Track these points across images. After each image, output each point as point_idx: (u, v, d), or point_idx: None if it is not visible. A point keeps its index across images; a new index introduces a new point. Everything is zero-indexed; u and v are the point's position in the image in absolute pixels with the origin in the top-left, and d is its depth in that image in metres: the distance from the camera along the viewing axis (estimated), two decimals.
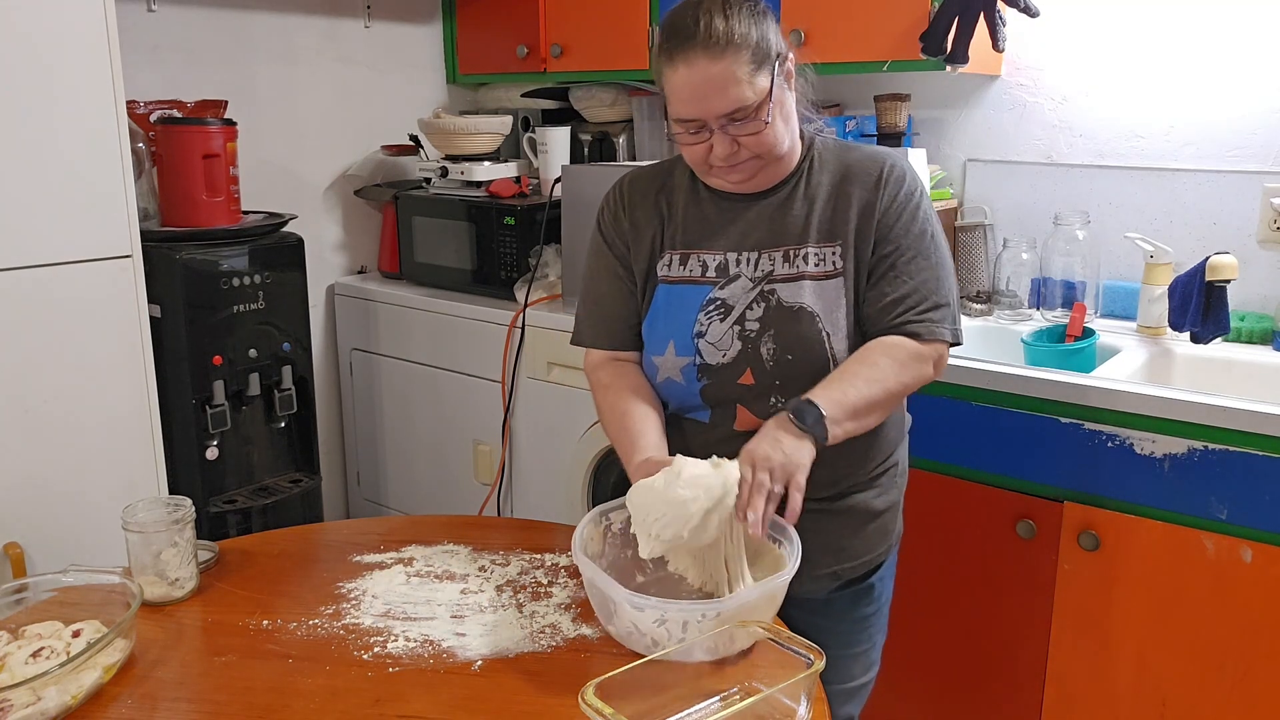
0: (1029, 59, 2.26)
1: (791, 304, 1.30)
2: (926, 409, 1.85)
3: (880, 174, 1.33)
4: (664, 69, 1.25)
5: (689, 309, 1.34)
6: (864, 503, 1.39)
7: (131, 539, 1.26)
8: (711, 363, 1.32)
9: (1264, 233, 2.02)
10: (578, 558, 1.16)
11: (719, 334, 1.32)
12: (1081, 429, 1.70)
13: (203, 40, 2.45)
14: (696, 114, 1.24)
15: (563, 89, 2.83)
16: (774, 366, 1.30)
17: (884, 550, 1.44)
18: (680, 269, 1.36)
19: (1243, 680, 1.61)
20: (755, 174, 1.31)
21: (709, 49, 1.21)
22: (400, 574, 1.35)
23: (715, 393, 1.33)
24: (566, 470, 2.31)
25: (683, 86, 1.23)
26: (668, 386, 1.37)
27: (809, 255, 1.32)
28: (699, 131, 1.26)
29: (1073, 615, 1.75)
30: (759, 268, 1.33)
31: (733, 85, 1.22)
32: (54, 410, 1.75)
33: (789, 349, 1.30)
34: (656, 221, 1.39)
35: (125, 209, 1.80)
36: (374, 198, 2.82)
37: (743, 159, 1.28)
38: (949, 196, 2.35)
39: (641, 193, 1.42)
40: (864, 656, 1.47)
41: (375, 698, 1.07)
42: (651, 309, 1.38)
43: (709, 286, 1.34)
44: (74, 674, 1.05)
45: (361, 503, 2.90)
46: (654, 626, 1.11)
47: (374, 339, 2.72)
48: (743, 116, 1.24)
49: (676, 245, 1.37)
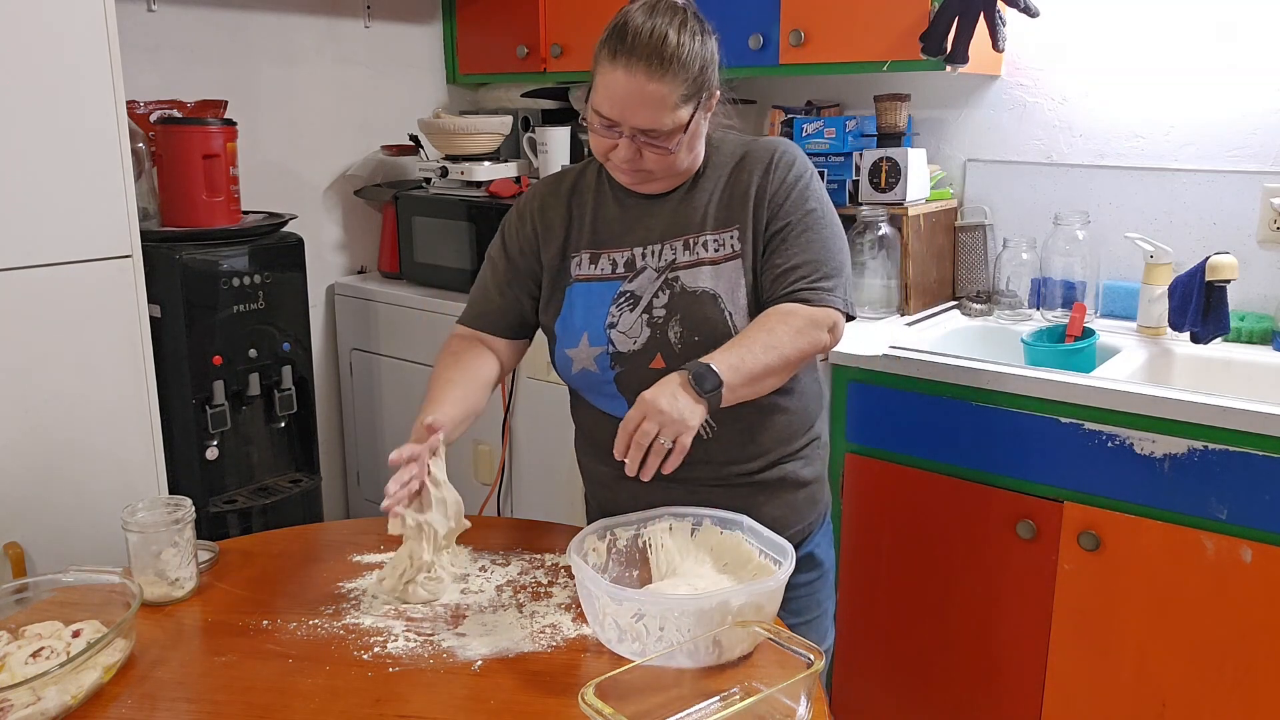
0: (1029, 59, 2.26)
1: (694, 289, 1.37)
2: (926, 409, 1.85)
3: (771, 159, 1.40)
4: (603, 61, 1.29)
5: (601, 303, 1.40)
6: (793, 473, 1.46)
7: (131, 539, 1.26)
8: (623, 350, 1.38)
9: (1264, 233, 2.02)
10: (572, 559, 1.17)
11: (629, 323, 1.38)
12: (1081, 429, 1.70)
13: (203, 40, 2.45)
14: (615, 116, 1.30)
15: (563, 89, 2.83)
16: (682, 349, 1.35)
17: (815, 519, 1.52)
18: (591, 267, 1.42)
19: (1243, 680, 1.61)
20: (648, 181, 1.38)
21: (651, 65, 1.26)
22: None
23: (628, 379, 1.38)
24: (566, 470, 2.31)
25: (613, 87, 1.28)
26: (583, 376, 1.42)
27: (708, 242, 1.39)
28: (611, 129, 1.31)
29: (1073, 615, 1.75)
30: (662, 258, 1.39)
31: (657, 108, 1.28)
32: (54, 410, 1.75)
33: (695, 331, 1.35)
34: (566, 223, 1.45)
35: (125, 209, 1.79)
36: (374, 198, 2.82)
37: (639, 167, 1.34)
38: (949, 196, 2.35)
39: (553, 196, 1.47)
40: (818, 623, 1.54)
41: (375, 698, 1.07)
42: (566, 306, 1.43)
43: (619, 281, 1.40)
44: (74, 674, 1.05)
45: (361, 503, 2.90)
46: (632, 622, 1.12)
47: (374, 339, 2.72)
48: (654, 137, 1.30)
49: (585, 245, 1.43)
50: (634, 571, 1.27)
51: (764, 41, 2.24)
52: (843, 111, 2.51)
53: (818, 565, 1.53)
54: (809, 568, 1.51)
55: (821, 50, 2.17)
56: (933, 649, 1.94)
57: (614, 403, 1.42)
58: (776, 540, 1.22)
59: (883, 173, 2.17)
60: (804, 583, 1.50)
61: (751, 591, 1.13)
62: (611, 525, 1.28)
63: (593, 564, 1.24)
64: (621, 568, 1.28)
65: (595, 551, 1.26)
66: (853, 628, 2.01)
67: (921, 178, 2.21)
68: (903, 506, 1.92)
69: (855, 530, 1.98)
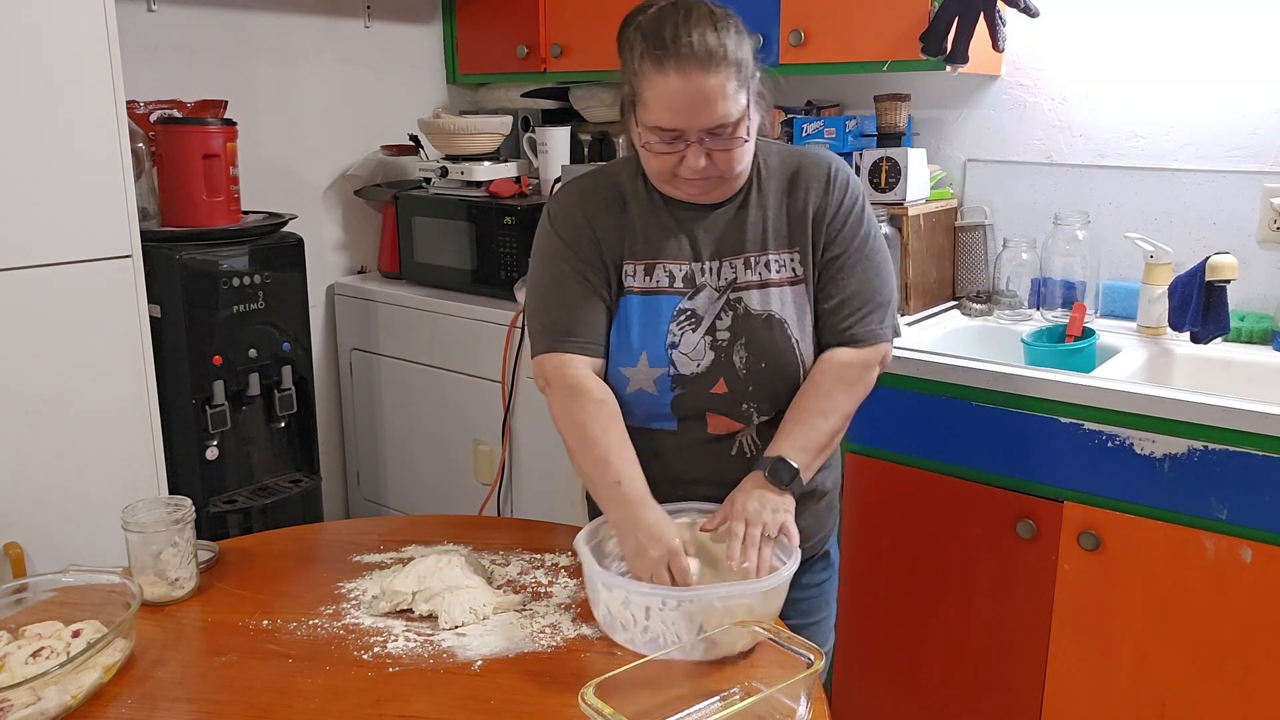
0: (1029, 59, 2.26)
1: (760, 312, 1.34)
2: (926, 409, 1.85)
3: (828, 178, 1.37)
4: (650, 75, 1.23)
5: (661, 320, 1.34)
6: (819, 484, 1.45)
7: (131, 539, 1.26)
8: (685, 373, 1.34)
9: (1264, 233, 2.02)
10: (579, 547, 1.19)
11: (692, 344, 1.33)
12: (1081, 429, 1.70)
13: (203, 40, 2.45)
14: (680, 124, 1.24)
15: (563, 89, 2.83)
16: (746, 375, 1.33)
17: (832, 524, 1.54)
18: (647, 279, 1.36)
19: (1243, 680, 1.61)
20: (716, 189, 1.33)
21: (704, 62, 1.21)
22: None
23: (686, 403, 1.35)
24: (566, 470, 2.31)
25: (673, 96, 1.22)
26: (637, 397, 1.36)
27: (770, 262, 1.35)
28: (674, 141, 1.26)
29: (1073, 615, 1.75)
30: (722, 276, 1.35)
31: (721, 100, 1.23)
32: (54, 410, 1.75)
33: (761, 357, 1.33)
34: (617, 230, 1.37)
35: (125, 209, 1.80)
36: (374, 198, 2.82)
37: (711, 173, 1.29)
38: (949, 196, 2.35)
39: (598, 200, 1.38)
40: (824, 624, 1.55)
41: (375, 698, 1.07)
42: (621, 320, 1.36)
43: (678, 297, 1.35)
44: (74, 674, 1.05)
45: (361, 503, 2.90)
46: (621, 609, 1.13)
47: (374, 339, 2.72)
48: (722, 132, 1.25)
49: (639, 255, 1.36)
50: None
51: (764, 41, 2.23)
52: (843, 111, 2.51)
53: (829, 566, 1.54)
54: (822, 568, 1.52)
55: (821, 50, 2.17)
56: (932, 649, 1.94)
57: (663, 423, 1.37)
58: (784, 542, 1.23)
59: (883, 173, 2.17)
60: (817, 583, 1.51)
61: (744, 591, 1.13)
62: None
63: (610, 551, 1.27)
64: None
65: (615, 540, 1.26)
66: (853, 627, 2.01)
67: (921, 178, 2.20)
68: (903, 506, 1.92)
69: (855, 530, 1.98)
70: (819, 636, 1.52)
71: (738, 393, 1.34)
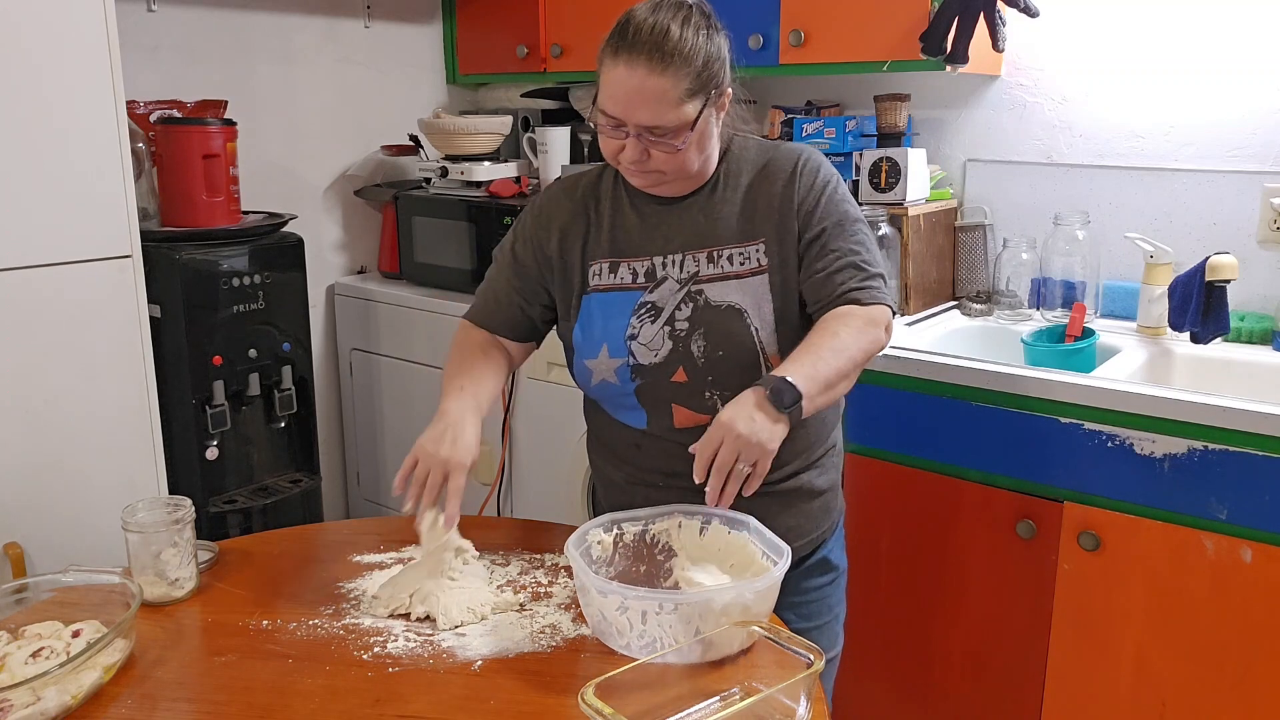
0: (1029, 59, 2.26)
1: (719, 303, 1.35)
2: (926, 409, 1.85)
3: (794, 167, 1.37)
4: (606, 60, 1.27)
5: (622, 314, 1.37)
6: (808, 483, 1.44)
7: (131, 539, 1.26)
8: (644, 363, 1.36)
9: (1264, 233, 2.02)
10: (568, 549, 1.18)
11: (650, 335, 1.35)
12: (1081, 429, 1.70)
13: (203, 40, 2.45)
14: (619, 114, 1.27)
15: (563, 89, 2.83)
16: (705, 363, 1.34)
17: (828, 526, 1.50)
18: (610, 277, 1.39)
19: (1243, 680, 1.61)
20: (660, 183, 1.35)
21: (653, 59, 1.23)
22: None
23: (649, 392, 1.37)
24: (566, 470, 2.31)
25: (616, 85, 1.25)
26: (602, 388, 1.40)
27: (732, 255, 1.36)
28: (617, 129, 1.29)
29: (1073, 615, 1.75)
30: (684, 269, 1.37)
31: (661, 103, 1.25)
32: (54, 410, 1.75)
33: (719, 345, 1.34)
34: (584, 229, 1.42)
35: (125, 209, 1.79)
36: (374, 198, 2.82)
37: (648, 168, 1.31)
38: (949, 196, 2.35)
39: (569, 200, 1.44)
40: (829, 629, 1.52)
41: (375, 698, 1.07)
42: (584, 316, 1.40)
43: (639, 291, 1.38)
44: (74, 674, 1.05)
45: (361, 503, 2.90)
46: (616, 614, 1.12)
47: (374, 339, 2.72)
48: (660, 134, 1.27)
49: (604, 254, 1.40)
50: (641, 566, 1.27)
51: (764, 41, 2.24)
52: (843, 111, 2.51)
53: (831, 569, 1.51)
54: (822, 572, 1.50)
55: (821, 50, 2.17)
56: (932, 649, 1.94)
57: (633, 414, 1.40)
58: (776, 541, 1.21)
59: (883, 173, 2.17)
60: (816, 587, 1.49)
61: (738, 590, 1.13)
62: (619, 519, 1.28)
63: (598, 556, 1.25)
64: (628, 562, 1.28)
65: (600, 544, 1.26)
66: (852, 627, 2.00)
67: (921, 178, 2.20)
68: (903, 506, 1.92)
69: (855, 530, 1.96)
70: (824, 641, 1.50)
71: (697, 381, 1.34)
